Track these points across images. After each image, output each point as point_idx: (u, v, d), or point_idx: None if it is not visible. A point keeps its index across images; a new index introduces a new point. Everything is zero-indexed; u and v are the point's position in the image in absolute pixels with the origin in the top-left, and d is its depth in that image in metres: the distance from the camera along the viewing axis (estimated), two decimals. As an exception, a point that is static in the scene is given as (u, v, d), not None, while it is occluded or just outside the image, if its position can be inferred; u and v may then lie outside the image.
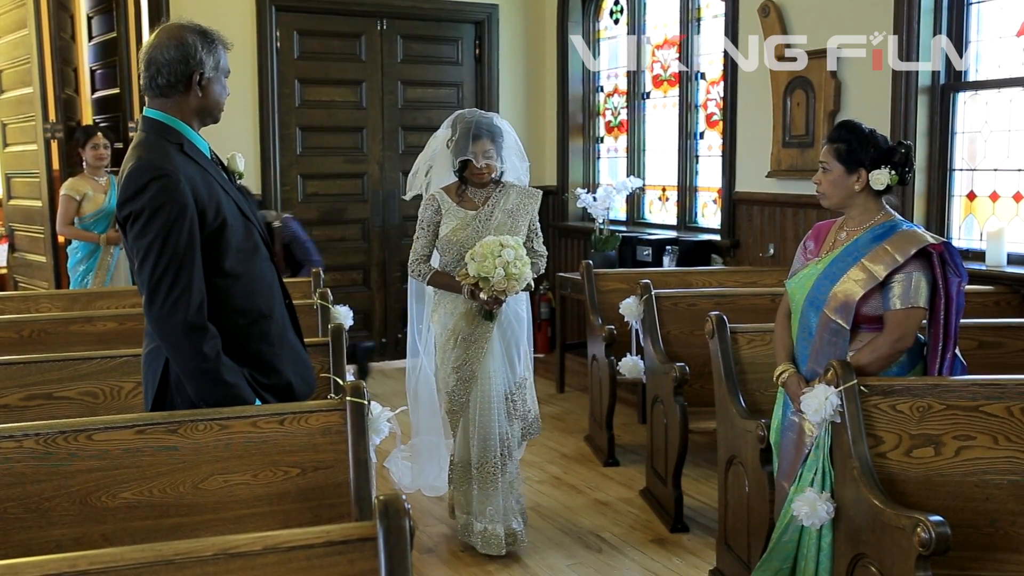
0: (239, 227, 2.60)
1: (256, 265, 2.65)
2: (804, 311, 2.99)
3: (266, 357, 2.65)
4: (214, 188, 2.56)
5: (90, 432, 2.38)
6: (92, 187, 5.83)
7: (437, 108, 7.47)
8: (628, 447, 5.32)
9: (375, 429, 2.60)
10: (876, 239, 2.92)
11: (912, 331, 2.87)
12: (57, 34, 6.71)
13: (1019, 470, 2.77)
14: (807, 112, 5.35)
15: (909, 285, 2.85)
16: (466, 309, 3.88)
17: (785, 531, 2.98)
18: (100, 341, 3.89)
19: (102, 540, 2.33)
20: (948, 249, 2.87)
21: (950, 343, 2.89)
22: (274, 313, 2.68)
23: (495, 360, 3.92)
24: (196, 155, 2.58)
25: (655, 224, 6.95)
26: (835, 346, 2.90)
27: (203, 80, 2.57)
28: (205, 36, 2.59)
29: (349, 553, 1.80)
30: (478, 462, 3.92)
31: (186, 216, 2.45)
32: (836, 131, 3.01)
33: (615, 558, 3.97)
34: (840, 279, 2.90)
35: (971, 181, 4.86)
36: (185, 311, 2.44)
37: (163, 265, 2.43)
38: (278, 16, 6.85)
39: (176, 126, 2.58)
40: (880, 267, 2.85)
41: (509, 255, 3.62)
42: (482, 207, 3.89)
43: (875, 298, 2.87)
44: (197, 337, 2.46)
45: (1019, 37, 4.58)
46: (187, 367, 2.49)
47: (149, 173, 2.45)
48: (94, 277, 5.79)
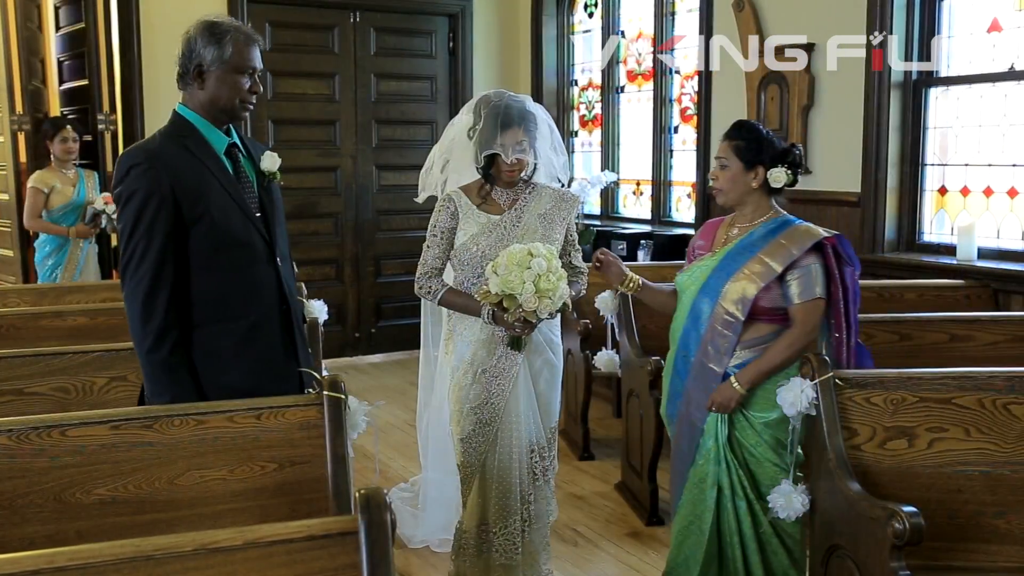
0: (230, 225, 2.59)
1: (241, 265, 2.63)
2: (696, 301, 3.01)
3: (223, 357, 2.63)
4: (205, 183, 2.57)
5: (64, 428, 2.34)
6: (60, 180, 5.75)
7: (411, 101, 7.45)
8: (603, 441, 5.34)
9: (352, 423, 2.59)
10: (770, 234, 2.96)
11: (818, 320, 2.93)
12: (24, 24, 6.61)
13: (990, 461, 2.81)
14: (781, 107, 5.38)
15: (808, 278, 2.90)
16: (487, 336, 3.16)
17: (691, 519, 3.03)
18: (70, 336, 3.83)
19: (77, 537, 2.29)
20: (840, 241, 2.93)
21: (852, 331, 2.94)
22: (250, 315, 2.64)
23: (521, 402, 3.19)
24: (198, 149, 2.60)
25: (630, 218, 6.97)
26: (726, 337, 2.93)
27: (203, 73, 2.59)
28: (211, 29, 2.61)
29: (330, 547, 1.79)
30: (496, 530, 3.23)
31: (156, 202, 2.50)
32: (735, 130, 3.04)
33: (591, 552, 3.98)
34: (735, 273, 2.94)
35: (942, 176, 4.91)
36: (142, 296, 2.51)
37: (130, 249, 2.52)
38: (250, 8, 6.77)
39: (190, 119, 2.64)
40: (777, 261, 2.89)
41: (540, 266, 2.88)
42: (508, 210, 3.19)
43: (773, 292, 2.91)
44: (149, 326, 2.52)
45: (989, 34, 4.64)
46: (138, 349, 2.57)
47: (129, 160, 2.55)
48: (63, 271, 5.72)
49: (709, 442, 2.98)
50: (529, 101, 3.20)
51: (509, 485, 3.19)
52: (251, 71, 2.64)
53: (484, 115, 3.12)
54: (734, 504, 2.97)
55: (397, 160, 7.47)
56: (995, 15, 4.61)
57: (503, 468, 3.19)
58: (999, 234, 4.65)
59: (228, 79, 2.61)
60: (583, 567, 3.84)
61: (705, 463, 2.99)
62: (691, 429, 3.02)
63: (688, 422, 3.03)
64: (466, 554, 3.28)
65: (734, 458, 2.96)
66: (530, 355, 3.20)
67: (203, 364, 2.61)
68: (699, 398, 2.99)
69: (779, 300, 2.91)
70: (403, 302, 7.29)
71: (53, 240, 5.76)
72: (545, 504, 3.30)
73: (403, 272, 7.31)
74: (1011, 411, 2.83)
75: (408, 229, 7.37)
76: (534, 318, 2.95)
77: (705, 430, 2.99)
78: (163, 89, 6.52)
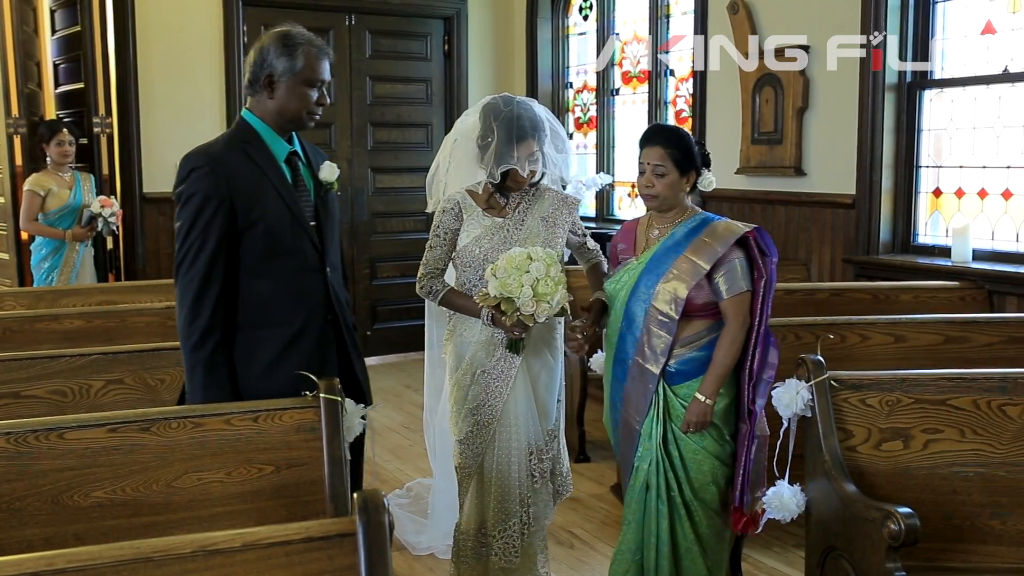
0: (283, 232, 2.65)
1: (290, 272, 2.69)
2: (629, 306, 3.02)
3: (263, 362, 2.67)
4: (263, 190, 2.63)
5: (62, 431, 2.35)
6: (57, 183, 5.75)
7: (406, 104, 7.46)
8: (599, 443, 5.34)
9: (349, 426, 2.59)
10: (692, 232, 2.99)
11: (747, 311, 2.95)
12: (19, 27, 6.60)
13: (985, 462, 2.82)
14: (776, 109, 5.39)
15: (733, 273, 2.93)
16: (486, 338, 3.17)
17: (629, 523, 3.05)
18: (66, 339, 3.84)
19: (74, 540, 2.30)
20: (759, 232, 2.97)
21: (764, 318, 2.96)
22: (294, 323, 2.69)
23: (519, 404, 3.20)
24: (258, 155, 2.66)
25: (625, 220, 6.96)
26: (662, 338, 2.95)
27: (273, 82, 2.65)
28: (284, 40, 2.66)
29: (328, 549, 1.80)
30: (495, 533, 3.22)
31: (213, 205, 2.57)
32: (665, 137, 3.04)
33: (587, 554, 3.99)
34: (664, 274, 2.96)
35: (937, 178, 4.93)
36: (191, 295, 2.57)
37: (184, 248, 2.59)
38: (245, 11, 6.79)
39: (254, 125, 2.70)
40: (704, 259, 2.92)
41: (538, 270, 2.92)
42: (512, 213, 3.20)
43: (704, 289, 2.94)
44: (194, 325, 2.58)
45: (983, 36, 4.66)
46: (183, 347, 2.63)
47: (190, 163, 2.63)
48: (59, 274, 5.71)
49: (645, 442, 2.99)
50: (535, 105, 3.20)
51: (508, 488, 3.19)
52: (320, 83, 2.69)
53: (496, 127, 3.10)
54: (656, 506, 2.97)
55: (392, 163, 7.47)
56: (989, 17, 4.63)
57: (501, 471, 3.18)
58: (994, 236, 4.67)
59: (298, 90, 2.66)
60: (579, 569, 3.85)
61: (640, 464, 3.00)
62: (630, 434, 3.03)
63: (627, 427, 3.04)
64: (465, 557, 3.27)
65: (666, 457, 2.96)
66: (529, 358, 3.20)
67: (242, 366, 2.66)
68: (638, 401, 2.99)
69: (711, 296, 2.95)
70: (399, 305, 7.30)
71: (49, 243, 5.76)
72: (543, 507, 3.29)
73: (398, 275, 7.32)
74: (1006, 412, 2.84)
75: (403, 232, 7.39)
76: (531, 322, 2.97)
77: (642, 432, 3.00)
78: (158, 92, 6.53)
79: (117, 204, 5.91)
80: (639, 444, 3.01)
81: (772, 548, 3.92)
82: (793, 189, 5.38)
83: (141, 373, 3.21)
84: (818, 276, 5.24)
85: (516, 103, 3.15)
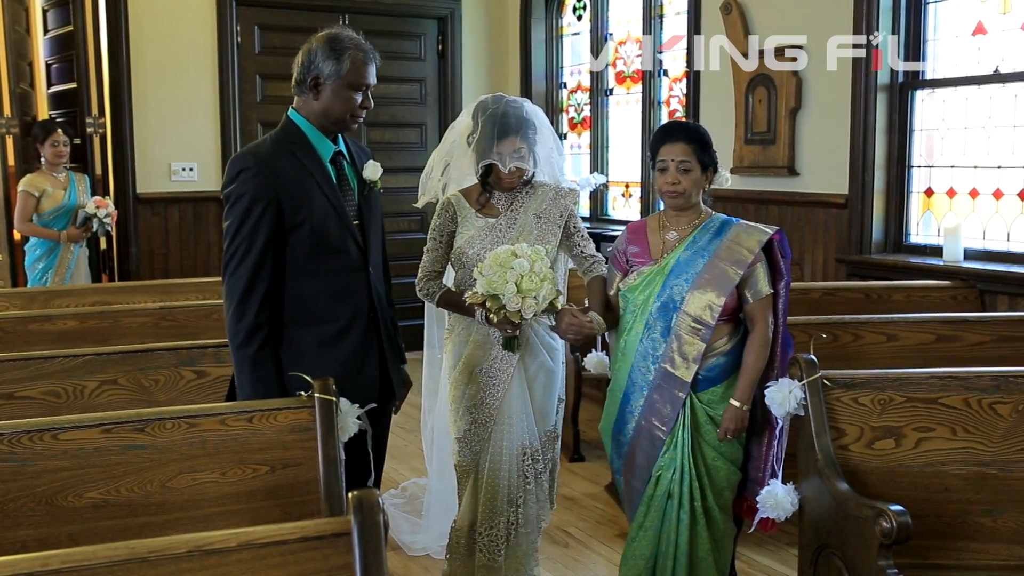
0: (328, 232, 2.71)
1: (335, 270, 2.75)
2: (655, 312, 2.97)
3: (308, 357, 2.72)
4: (308, 189, 2.68)
5: (56, 431, 2.35)
6: (51, 183, 5.74)
7: (399, 104, 7.46)
8: (594, 443, 5.33)
9: (343, 426, 2.60)
10: (716, 236, 2.98)
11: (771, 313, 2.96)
12: (11, 27, 6.61)
13: (977, 460, 2.84)
14: (769, 109, 5.41)
15: (756, 277, 2.93)
16: (482, 336, 3.17)
17: (645, 530, 3.01)
18: (60, 340, 3.83)
19: (68, 540, 2.30)
20: (780, 233, 2.98)
21: (783, 317, 2.97)
22: (338, 320, 2.76)
23: (515, 403, 3.18)
24: (305, 156, 2.71)
25: (619, 220, 6.99)
26: (695, 345, 2.91)
27: (319, 85, 2.70)
28: (332, 43, 2.72)
29: (323, 548, 1.80)
30: (481, 529, 3.22)
31: (262, 206, 2.62)
32: (687, 133, 3.01)
33: (582, 553, 4.00)
34: (696, 279, 2.92)
35: (929, 178, 4.95)
36: (238, 294, 2.63)
37: (232, 248, 2.64)
38: (239, 11, 6.78)
39: (301, 126, 2.76)
40: (736, 266, 2.91)
41: (522, 266, 2.85)
42: (505, 213, 3.18)
43: (732, 294, 2.93)
44: (242, 323, 2.63)
45: (975, 37, 4.67)
46: (231, 344, 2.69)
47: (240, 164, 2.67)
48: (54, 275, 5.70)
49: (668, 451, 2.95)
50: (527, 105, 3.17)
51: (497, 487, 3.19)
52: (365, 87, 2.74)
53: (482, 123, 3.09)
54: (678, 515, 2.95)
55: (386, 163, 7.31)
56: (980, 18, 4.64)
57: (493, 469, 3.19)
58: (985, 235, 4.68)
59: (342, 94, 2.71)
60: (574, 568, 3.85)
61: (662, 473, 2.96)
62: (651, 442, 2.98)
63: (648, 436, 2.98)
64: (458, 554, 3.27)
65: (693, 466, 2.93)
66: (526, 358, 3.19)
67: (288, 361, 2.71)
68: (664, 409, 2.95)
69: (736, 300, 2.94)
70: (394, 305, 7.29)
71: (44, 244, 5.75)
72: (536, 508, 3.27)
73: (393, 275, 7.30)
74: (997, 410, 2.86)
75: (398, 232, 7.38)
76: (518, 318, 2.90)
77: (667, 441, 2.95)
78: (151, 92, 6.53)
79: (112, 205, 5.90)
80: (661, 453, 2.96)
81: (765, 546, 3.93)
82: (786, 189, 5.40)
83: (135, 374, 3.20)
84: (811, 275, 5.25)
85: (505, 101, 3.13)
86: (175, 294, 4.63)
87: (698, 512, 2.94)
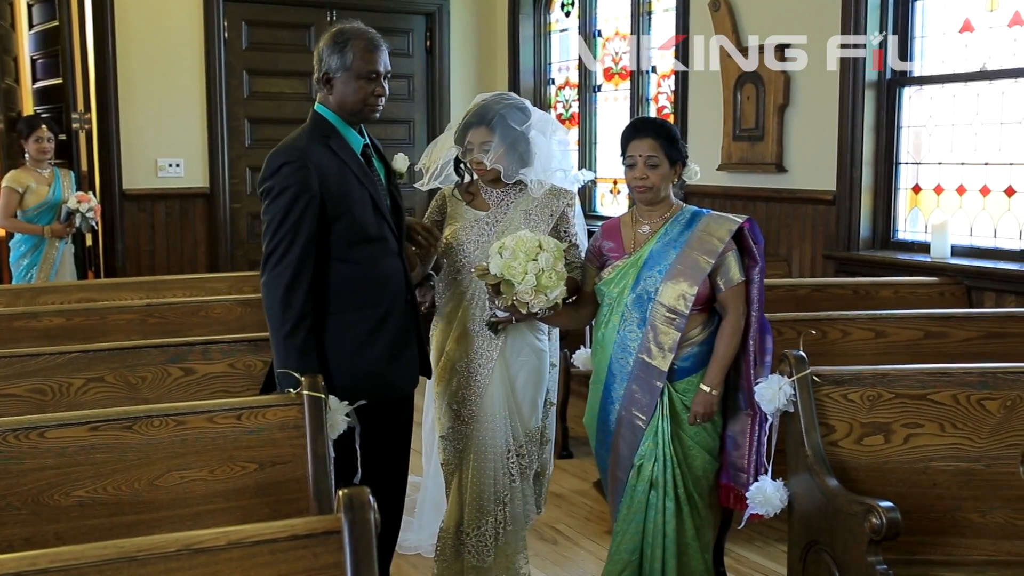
0: (366, 221, 2.79)
1: (374, 257, 2.83)
2: (630, 304, 3.00)
3: (358, 342, 2.81)
4: (347, 181, 2.76)
5: (42, 429, 2.33)
6: (35, 179, 5.69)
7: (388, 100, 7.40)
8: (582, 439, 5.32)
9: (333, 423, 2.59)
10: (687, 227, 3.01)
11: (744, 300, 2.98)
12: (-4, 22, 6.55)
13: (965, 456, 2.85)
14: (757, 106, 5.41)
15: (727, 266, 2.96)
16: (461, 331, 3.17)
17: (629, 522, 3.02)
18: (46, 337, 3.79)
19: (55, 539, 2.28)
20: (750, 221, 3.02)
21: (759, 304, 2.99)
22: (382, 304, 2.84)
23: (496, 401, 3.16)
24: (340, 148, 2.79)
25: (607, 217, 6.96)
26: (669, 334, 2.95)
27: (330, 80, 2.78)
28: (336, 36, 2.81)
29: (314, 547, 1.79)
30: (469, 530, 3.20)
31: (305, 200, 2.68)
32: (654, 128, 3.05)
33: (570, 549, 4.00)
34: (668, 270, 2.96)
35: (916, 175, 4.96)
36: (283, 285, 2.67)
37: (275, 241, 2.69)
38: (226, 6, 6.74)
39: (330, 119, 2.83)
40: (707, 255, 2.94)
41: (546, 261, 2.84)
42: (494, 207, 3.20)
43: (704, 283, 2.96)
44: (288, 314, 2.68)
45: (962, 34, 4.69)
46: (273, 336, 2.73)
47: (282, 157, 2.73)
48: (39, 271, 5.65)
49: (648, 440, 2.97)
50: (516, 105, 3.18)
51: (482, 486, 3.18)
52: (374, 75, 2.80)
53: (466, 112, 3.23)
54: (663, 504, 2.96)
55: (374, 159, 7.44)
56: (967, 16, 4.66)
57: (477, 468, 3.18)
58: (972, 232, 4.70)
59: (351, 84, 2.78)
60: (562, 565, 3.85)
61: (643, 462, 2.98)
62: (632, 431, 3.01)
63: (629, 425, 3.01)
64: (446, 556, 3.27)
65: (673, 454, 2.96)
66: (508, 355, 3.18)
67: (337, 348, 2.80)
68: (642, 398, 2.97)
69: (709, 289, 2.97)
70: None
71: (28, 240, 5.70)
72: (522, 505, 3.25)
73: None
74: (985, 406, 2.87)
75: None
76: (525, 309, 2.88)
77: (647, 430, 2.98)
78: (137, 87, 6.49)
79: (95, 199, 5.86)
80: (641, 442, 2.99)
81: (754, 543, 3.94)
82: (774, 185, 5.41)
83: (122, 371, 3.17)
84: (799, 272, 5.26)
85: (493, 97, 3.22)
86: (162, 291, 4.60)
87: (682, 499, 2.97)
